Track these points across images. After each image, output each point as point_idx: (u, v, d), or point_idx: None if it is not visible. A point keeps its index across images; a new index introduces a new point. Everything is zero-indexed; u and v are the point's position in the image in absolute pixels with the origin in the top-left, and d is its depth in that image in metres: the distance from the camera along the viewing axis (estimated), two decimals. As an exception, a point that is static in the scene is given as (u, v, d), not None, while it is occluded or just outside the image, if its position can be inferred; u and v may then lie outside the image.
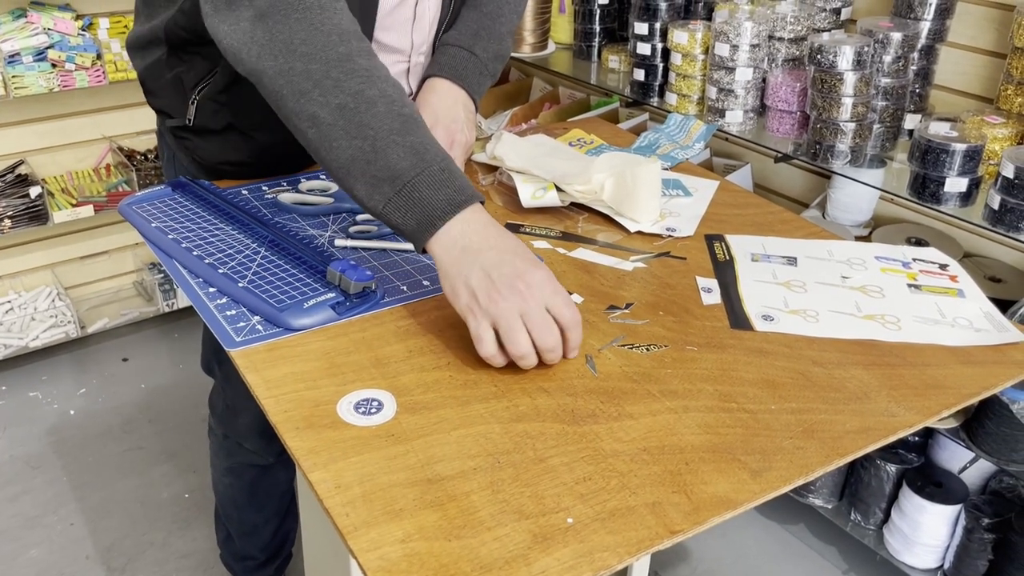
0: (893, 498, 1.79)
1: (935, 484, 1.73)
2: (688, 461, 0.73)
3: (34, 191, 2.21)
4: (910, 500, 1.72)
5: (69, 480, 2.07)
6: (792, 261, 1.05)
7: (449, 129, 1.14)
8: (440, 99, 1.15)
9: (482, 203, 0.86)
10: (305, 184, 1.17)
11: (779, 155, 1.69)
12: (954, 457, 1.76)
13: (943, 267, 1.06)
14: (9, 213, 2.20)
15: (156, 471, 2.11)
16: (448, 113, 1.15)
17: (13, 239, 2.40)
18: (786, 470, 0.72)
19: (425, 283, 0.97)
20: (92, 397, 2.36)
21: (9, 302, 2.41)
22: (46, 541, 1.90)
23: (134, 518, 1.97)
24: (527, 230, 1.11)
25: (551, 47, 2.32)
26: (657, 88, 1.92)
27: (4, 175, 2.23)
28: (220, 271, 0.96)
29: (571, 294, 0.96)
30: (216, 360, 1.35)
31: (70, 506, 2.00)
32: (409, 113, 0.86)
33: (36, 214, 2.23)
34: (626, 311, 0.94)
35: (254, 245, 1.02)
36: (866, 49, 1.52)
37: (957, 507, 1.70)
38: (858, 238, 1.79)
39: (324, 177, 1.19)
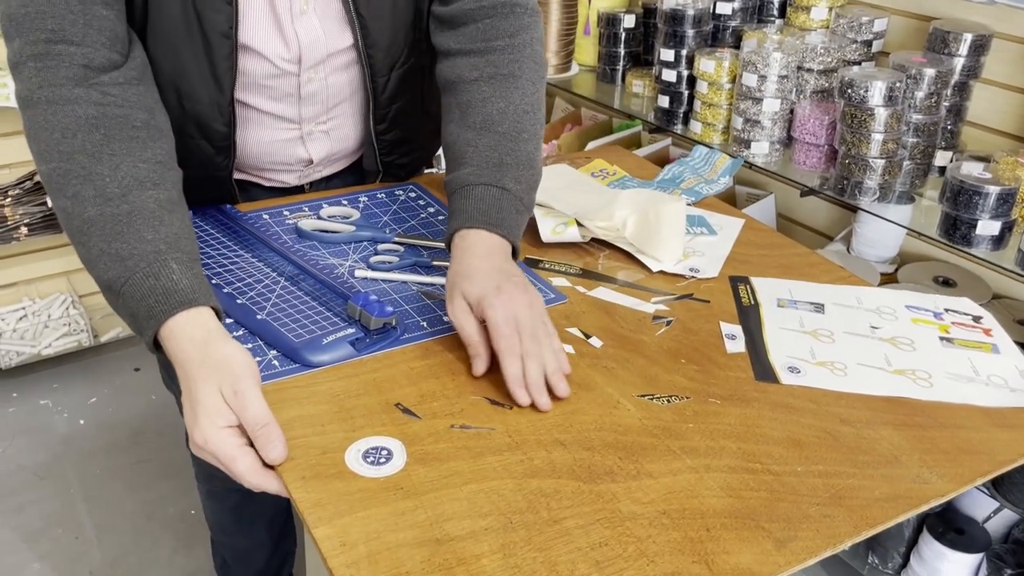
0: (913, 543, 1.74)
1: (957, 531, 1.68)
2: (709, 527, 0.69)
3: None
4: (930, 546, 1.67)
5: (76, 492, 2.06)
6: (819, 308, 1.02)
7: (510, 304, 0.85)
8: (480, 259, 0.90)
9: (201, 302, 0.81)
10: (326, 210, 1.15)
11: (805, 189, 1.66)
12: (976, 503, 1.71)
13: (977, 319, 1.02)
14: (26, 221, 2.20)
15: (164, 485, 2.09)
16: (495, 277, 0.88)
17: (29, 246, 2.39)
18: (812, 540, 0.69)
19: (446, 319, 0.94)
20: (102, 407, 2.34)
21: (23, 308, 2.40)
22: (49, 555, 1.88)
23: (139, 534, 1.95)
24: (546, 266, 1.08)
25: (574, 69, 2.29)
26: (682, 115, 1.90)
27: (22, 183, 2.23)
28: (239, 301, 0.94)
29: (589, 337, 0.94)
30: (174, 385, 1.30)
31: (75, 519, 1.98)
32: (126, 211, 0.82)
33: (53, 222, 2.23)
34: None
35: (274, 275, 1.00)
36: (898, 85, 1.49)
37: (979, 556, 1.65)
38: (884, 275, 1.75)
39: (346, 203, 1.17)
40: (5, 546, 1.90)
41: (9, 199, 2.19)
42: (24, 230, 2.20)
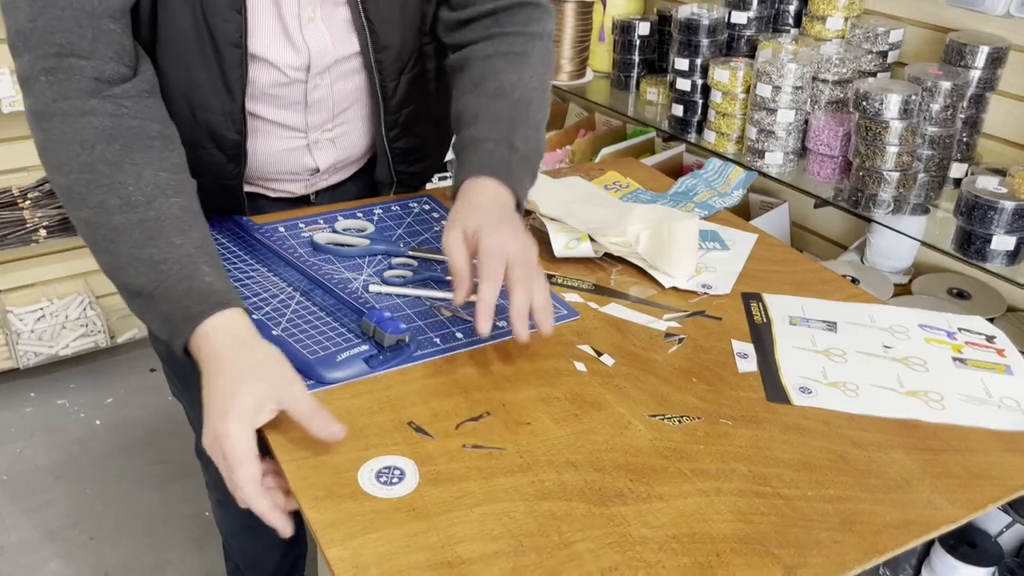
0: (924, 556, 1.74)
1: (969, 544, 1.67)
2: (719, 552, 0.70)
3: (70, 202, 2.22)
4: (942, 560, 1.67)
5: (92, 492, 2.08)
6: (832, 327, 1.02)
7: (518, 241, 0.88)
8: (486, 199, 0.93)
9: (236, 304, 0.82)
10: (341, 223, 1.15)
11: (819, 200, 1.66)
12: (989, 517, 1.70)
13: (990, 339, 1.02)
14: (44, 223, 2.22)
15: (177, 486, 2.11)
16: (498, 214, 0.91)
17: (48, 248, 2.41)
18: (822, 567, 0.69)
19: (459, 335, 0.95)
20: (118, 407, 2.37)
21: (41, 309, 2.43)
22: (65, 555, 1.91)
23: (153, 535, 1.97)
24: (559, 281, 1.09)
25: (589, 75, 2.30)
26: (696, 124, 1.89)
27: (40, 185, 2.25)
28: (255, 316, 0.95)
29: (601, 355, 0.94)
30: (183, 394, 1.31)
31: (91, 519, 2.00)
32: (154, 216, 0.84)
33: (71, 224, 2.25)
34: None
35: (289, 289, 1.01)
36: (913, 97, 1.48)
37: (990, 570, 1.64)
38: (897, 285, 1.75)
39: (361, 216, 1.18)
40: (22, 545, 1.92)
41: (28, 202, 2.22)
42: (43, 232, 2.22)
